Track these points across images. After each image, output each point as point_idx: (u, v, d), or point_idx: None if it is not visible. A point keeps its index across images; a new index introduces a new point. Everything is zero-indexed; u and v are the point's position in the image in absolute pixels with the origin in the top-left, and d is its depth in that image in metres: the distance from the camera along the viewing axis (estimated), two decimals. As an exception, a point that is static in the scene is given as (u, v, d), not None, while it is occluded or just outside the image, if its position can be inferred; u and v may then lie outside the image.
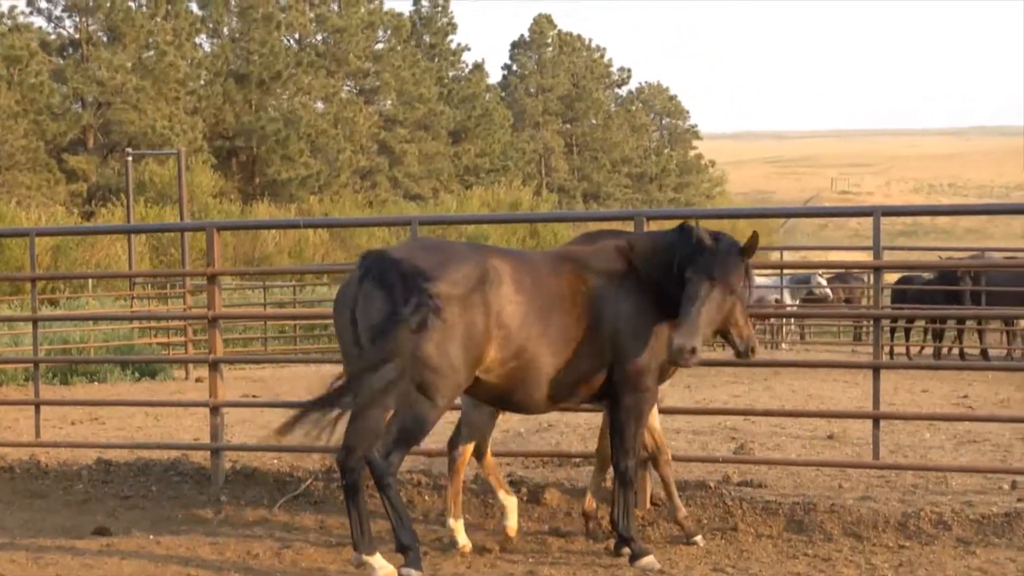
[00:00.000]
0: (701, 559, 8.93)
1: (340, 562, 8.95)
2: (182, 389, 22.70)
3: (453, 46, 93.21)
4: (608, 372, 8.35)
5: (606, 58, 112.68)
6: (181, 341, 28.91)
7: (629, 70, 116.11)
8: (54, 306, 33.17)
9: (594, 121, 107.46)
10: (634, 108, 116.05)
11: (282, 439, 7.88)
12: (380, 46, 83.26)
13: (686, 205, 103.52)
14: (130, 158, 41.79)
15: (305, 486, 10.98)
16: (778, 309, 28.88)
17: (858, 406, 16.30)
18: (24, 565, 9.09)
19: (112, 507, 10.91)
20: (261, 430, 15.21)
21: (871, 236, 10.80)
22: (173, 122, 63.32)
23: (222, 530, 10.03)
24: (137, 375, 25.39)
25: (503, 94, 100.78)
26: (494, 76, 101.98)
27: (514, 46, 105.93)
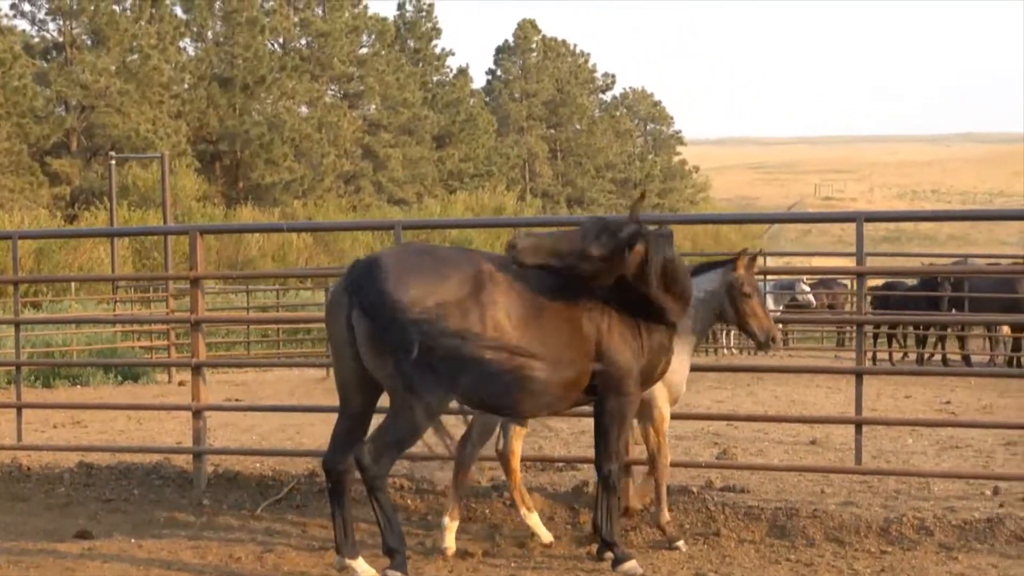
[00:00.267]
0: (683, 564, 8.94)
1: (322, 566, 8.94)
2: (165, 393, 22.65)
3: (437, 51, 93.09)
4: (592, 376, 8.32)
5: (590, 63, 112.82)
6: (164, 345, 28.82)
7: (613, 75, 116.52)
8: (37, 309, 33.12)
9: (578, 126, 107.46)
10: (618, 114, 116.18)
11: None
12: (364, 51, 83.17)
13: (670, 211, 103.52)
14: (113, 161, 41.65)
15: (287, 490, 10.97)
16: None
17: (841, 411, 16.35)
18: (5, 568, 9.07)
19: (94, 510, 10.90)
20: (244, 434, 15.23)
21: (854, 242, 10.85)
22: (157, 126, 63.10)
23: (204, 534, 10.02)
24: (120, 378, 25.36)
25: (487, 99, 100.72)
26: (478, 81, 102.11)
27: (498, 51, 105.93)
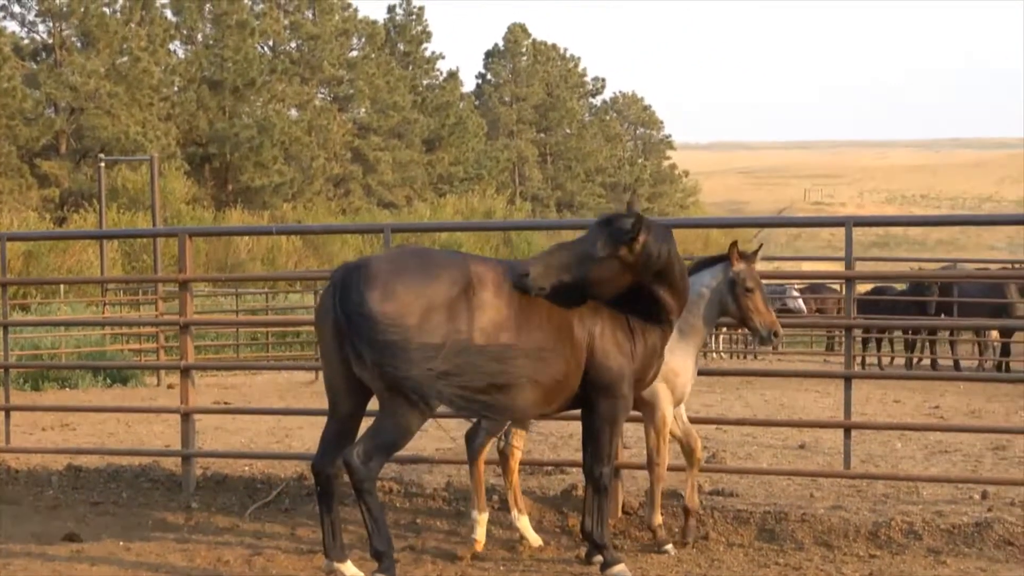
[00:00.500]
0: (672, 568, 8.95)
1: (311, 569, 8.94)
2: (154, 395, 22.62)
3: (427, 54, 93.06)
4: (584, 379, 8.30)
5: (580, 67, 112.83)
6: (153, 347, 28.77)
7: (603, 79, 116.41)
8: (25, 311, 33.01)
9: (568, 130, 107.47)
10: (608, 118, 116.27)
11: None
12: (354, 54, 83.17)
13: (660, 215, 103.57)
14: (103, 164, 41.58)
15: (276, 493, 10.96)
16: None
17: (830, 416, 16.37)
18: (-7, 571, 9.06)
19: (82, 513, 10.88)
20: (232, 437, 15.21)
21: (843, 247, 10.85)
22: (146, 128, 62.98)
23: (193, 537, 10.01)
24: (109, 381, 25.29)
25: (477, 103, 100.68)
26: (468, 85, 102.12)
27: (488, 55, 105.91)
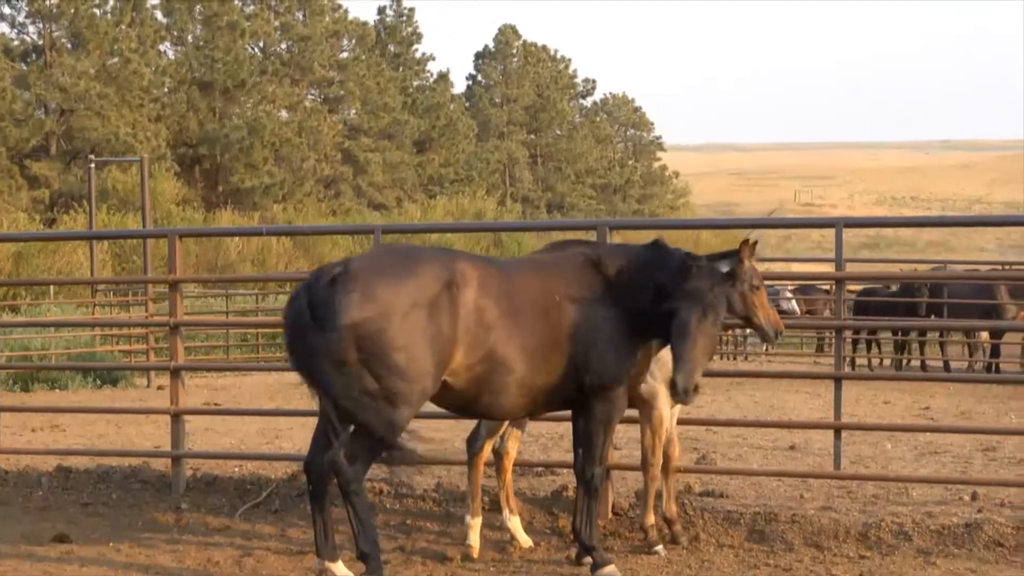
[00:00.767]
0: (662, 569, 8.95)
1: (301, 569, 8.93)
2: (143, 396, 22.58)
3: (418, 55, 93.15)
4: (578, 380, 8.28)
5: (571, 69, 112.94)
6: (143, 348, 28.76)
7: (594, 81, 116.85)
8: (15, 312, 32.99)
9: (559, 132, 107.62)
10: (599, 119, 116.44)
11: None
12: (345, 55, 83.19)
13: (650, 216, 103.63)
14: (93, 165, 41.43)
15: (266, 494, 10.94)
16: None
17: (820, 417, 16.35)
18: (-18, 572, 9.04)
19: (72, 514, 10.86)
20: (223, 438, 15.18)
21: (834, 248, 10.84)
22: (136, 129, 62.90)
23: (183, 538, 9.99)
24: (98, 382, 25.24)
25: (468, 104, 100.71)
26: (459, 86, 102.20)
27: (479, 56, 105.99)
